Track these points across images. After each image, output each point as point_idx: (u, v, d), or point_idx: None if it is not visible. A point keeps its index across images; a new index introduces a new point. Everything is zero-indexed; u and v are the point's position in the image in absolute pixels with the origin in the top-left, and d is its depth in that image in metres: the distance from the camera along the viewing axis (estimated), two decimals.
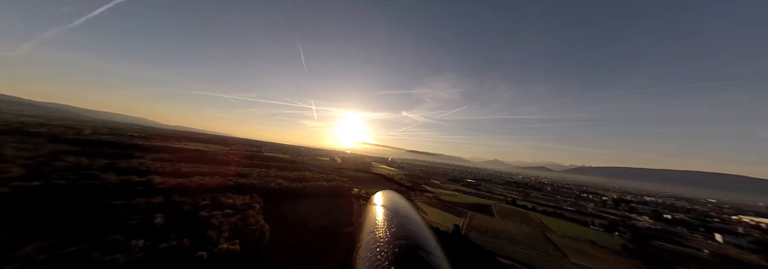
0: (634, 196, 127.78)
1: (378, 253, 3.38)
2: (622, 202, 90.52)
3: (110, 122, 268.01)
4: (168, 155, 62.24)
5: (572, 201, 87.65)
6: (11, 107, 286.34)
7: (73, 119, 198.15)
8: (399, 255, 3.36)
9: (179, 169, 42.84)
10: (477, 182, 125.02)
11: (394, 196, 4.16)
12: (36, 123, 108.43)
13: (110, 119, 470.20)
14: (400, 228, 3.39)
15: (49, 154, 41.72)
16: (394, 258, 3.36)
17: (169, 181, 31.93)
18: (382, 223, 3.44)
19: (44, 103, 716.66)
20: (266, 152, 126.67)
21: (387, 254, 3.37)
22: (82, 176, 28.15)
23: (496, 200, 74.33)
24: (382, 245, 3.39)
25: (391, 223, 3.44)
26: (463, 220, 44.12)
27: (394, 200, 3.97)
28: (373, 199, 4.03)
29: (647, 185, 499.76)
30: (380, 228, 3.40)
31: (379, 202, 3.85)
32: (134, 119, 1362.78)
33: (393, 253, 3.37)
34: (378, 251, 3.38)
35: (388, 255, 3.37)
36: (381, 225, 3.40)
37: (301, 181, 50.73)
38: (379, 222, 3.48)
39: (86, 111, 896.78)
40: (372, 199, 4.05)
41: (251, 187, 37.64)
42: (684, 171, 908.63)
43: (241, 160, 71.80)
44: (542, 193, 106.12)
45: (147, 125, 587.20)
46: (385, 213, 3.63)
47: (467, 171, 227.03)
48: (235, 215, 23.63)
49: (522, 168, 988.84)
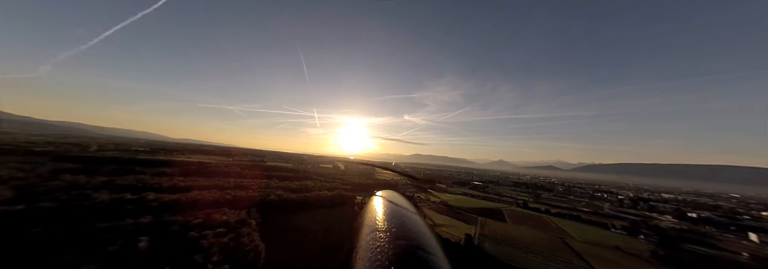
0: (651, 193, 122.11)
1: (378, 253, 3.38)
2: (640, 201, 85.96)
3: (118, 138, 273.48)
4: (169, 170, 61.59)
5: (587, 201, 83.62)
6: (23, 127, 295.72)
7: (82, 137, 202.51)
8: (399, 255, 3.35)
9: (177, 184, 41.75)
10: (484, 184, 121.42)
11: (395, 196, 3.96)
12: (43, 142, 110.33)
13: (119, 135, 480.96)
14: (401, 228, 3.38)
15: (48, 173, 41.27)
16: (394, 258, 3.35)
17: (164, 197, 30.68)
18: (382, 223, 3.43)
19: (57, 122, 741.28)
20: (269, 162, 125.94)
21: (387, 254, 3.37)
22: (73, 196, 27.13)
23: (506, 203, 71.20)
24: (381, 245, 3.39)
25: (391, 223, 3.43)
26: (474, 228, 41.57)
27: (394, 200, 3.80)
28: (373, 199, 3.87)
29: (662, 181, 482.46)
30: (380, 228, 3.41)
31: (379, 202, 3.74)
32: (142, 133, 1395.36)
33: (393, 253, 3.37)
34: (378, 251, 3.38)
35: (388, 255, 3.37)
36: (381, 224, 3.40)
37: (302, 191, 49.11)
38: (378, 221, 3.46)
39: (96, 128, 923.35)
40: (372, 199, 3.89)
41: (249, 200, 36.14)
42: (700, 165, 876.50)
43: (242, 171, 70.72)
44: (554, 194, 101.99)
45: (154, 139, 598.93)
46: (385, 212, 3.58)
47: (473, 173, 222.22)
48: (227, 234, 22.04)
49: (529, 168, 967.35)
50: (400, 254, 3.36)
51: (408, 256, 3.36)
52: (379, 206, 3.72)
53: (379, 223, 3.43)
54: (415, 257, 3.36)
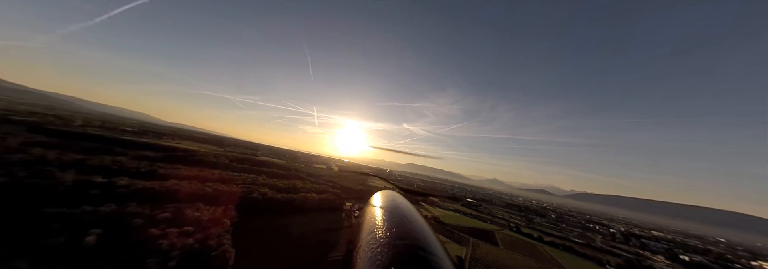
0: (641, 230, 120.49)
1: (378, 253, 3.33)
2: (632, 236, 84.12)
3: (109, 116, 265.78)
4: (152, 154, 58.21)
5: (579, 232, 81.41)
6: (15, 95, 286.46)
7: (71, 111, 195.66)
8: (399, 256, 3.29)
9: (156, 170, 38.80)
10: (477, 202, 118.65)
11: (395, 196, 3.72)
12: (27, 112, 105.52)
13: (111, 113, 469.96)
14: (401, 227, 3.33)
15: (16, 145, 38.07)
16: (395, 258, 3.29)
17: (137, 184, 27.93)
18: (382, 223, 3.37)
19: (50, 93, 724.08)
20: (261, 156, 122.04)
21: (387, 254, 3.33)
22: (33, 173, 24.31)
23: (499, 225, 68.63)
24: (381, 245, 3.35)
25: (391, 223, 3.37)
26: (465, 250, 39.02)
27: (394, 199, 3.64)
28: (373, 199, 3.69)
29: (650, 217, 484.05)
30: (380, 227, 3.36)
31: (379, 202, 3.63)
32: (136, 114, 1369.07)
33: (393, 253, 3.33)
34: (378, 251, 3.34)
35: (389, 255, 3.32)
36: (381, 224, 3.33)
37: (289, 191, 46.28)
38: (378, 221, 3.42)
39: (89, 104, 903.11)
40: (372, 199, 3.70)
41: (229, 196, 33.39)
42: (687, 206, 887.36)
43: (231, 163, 67.45)
44: (546, 220, 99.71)
45: (147, 120, 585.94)
46: (385, 212, 3.53)
47: (466, 189, 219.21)
48: (195, 234, 19.44)
49: (522, 190, 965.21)
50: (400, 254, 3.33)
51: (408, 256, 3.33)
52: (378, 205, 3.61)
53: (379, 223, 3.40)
54: (416, 257, 3.32)
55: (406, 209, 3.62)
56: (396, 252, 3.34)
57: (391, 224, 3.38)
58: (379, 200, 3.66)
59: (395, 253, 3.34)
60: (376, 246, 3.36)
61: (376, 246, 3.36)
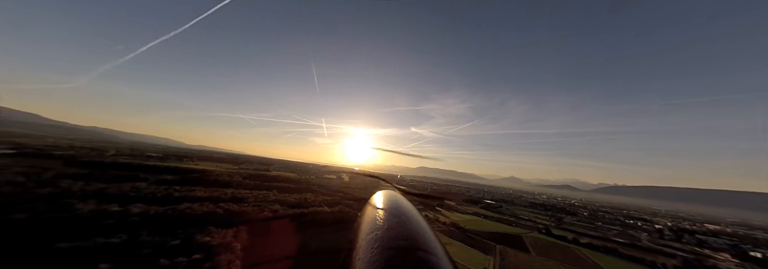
0: (692, 223, 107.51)
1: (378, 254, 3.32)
2: (684, 232, 74.80)
3: (138, 143, 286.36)
4: (171, 177, 60.76)
5: (619, 230, 73.75)
6: (60, 132, 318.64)
7: (107, 142, 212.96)
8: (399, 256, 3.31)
9: (172, 194, 39.86)
10: (497, 203, 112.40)
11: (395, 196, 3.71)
12: (68, 145, 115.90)
13: (140, 141, 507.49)
14: (401, 228, 3.35)
15: (49, 178, 40.88)
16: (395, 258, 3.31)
17: (151, 210, 28.45)
18: (382, 223, 3.39)
19: (88, 127, 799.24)
20: (273, 171, 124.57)
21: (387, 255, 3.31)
22: (54, 206, 25.40)
23: (526, 227, 63.69)
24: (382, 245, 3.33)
25: (391, 223, 3.38)
26: (492, 260, 35.84)
27: (394, 200, 3.63)
28: (373, 199, 3.70)
29: (700, 208, 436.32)
30: (380, 228, 3.35)
31: (379, 202, 3.62)
32: (162, 139, 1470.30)
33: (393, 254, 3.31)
34: (378, 252, 3.33)
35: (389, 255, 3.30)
36: (380, 225, 3.35)
37: (300, 206, 45.72)
38: (378, 222, 3.41)
39: (122, 134, 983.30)
40: (371, 199, 3.70)
41: (241, 216, 33.23)
42: (742, 192, 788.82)
43: (243, 181, 68.75)
44: (577, 218, 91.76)
45: (171, 145, 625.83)
46: (385, 212, 3.51)
47: (483, 190, 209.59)
48: (204, 262, 18.90)
49: (543, 186, 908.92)
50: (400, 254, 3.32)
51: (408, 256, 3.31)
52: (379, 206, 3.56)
53: (379, 223, 3.40)
54: (416, 257, 3.31)
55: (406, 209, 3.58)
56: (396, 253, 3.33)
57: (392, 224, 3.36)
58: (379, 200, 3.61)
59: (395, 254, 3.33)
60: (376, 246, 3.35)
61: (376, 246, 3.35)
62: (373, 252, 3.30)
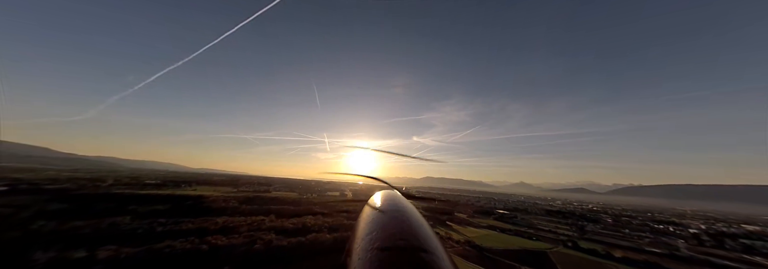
0: (726, 225, 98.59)
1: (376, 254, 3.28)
2: (723, 236, 67.63)
3: (140, 170, 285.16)
4: (162, 207, 57.31)
5: (651, 238, 66.91)
6: (65, 164, 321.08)
7: (109, 170, 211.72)
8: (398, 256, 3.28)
9: (155, 228, 36.46)
10: (511, 213, 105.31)
11: (395, 196, 3.68)
12: (66, 178, 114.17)
13: (143, 168, 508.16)
14: (401, 228, 3.32)
15: (26, 218, 38.00)
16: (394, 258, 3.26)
17: (122, 253, 25.09)
18: (382, 224, 3.33)
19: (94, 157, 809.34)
20: (273, 191, 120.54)
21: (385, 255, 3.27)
22: (6, 258, 22.24)
23: (548, 240, 57.80)
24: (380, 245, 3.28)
25: (391, 223, 3.34)
26: None
27: (394, 199, 3.60)
28: (372, 199, 3.66)
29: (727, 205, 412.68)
30: (379, 228, 3.32)
31: (379, 202, 3.56)
32: (165, 165, 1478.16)
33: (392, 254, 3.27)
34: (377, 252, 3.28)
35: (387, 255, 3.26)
36: (380, 225, 3.31)
37: (298, 233, 41.66)
38: (378, 222, 3.36)
39: (126, 161, 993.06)
40: (371, 199, 3.66)
41: (228, 252, 29.52)
42: None
43: (240, 206, 64.95)
44: (602, 226, 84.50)
45: (174, 170, 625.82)
46: (385, 212, 3.47)
47: (493, 198, 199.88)
48: None
49: (556, 191, 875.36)
50: (399, 254, 3.29)
51: (408, 256, 3.29)
52: (378, 206, 3.52)
53: (379, 223, 3.34)
54: (416, 257, 3.30)
55: (406, 209, 3.46)
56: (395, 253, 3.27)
57: (391, 224, 3.32)
58: (378, 200, 3.48)
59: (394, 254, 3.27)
60: (375, 246, 3.30)
61: (375, 246, 3.30)
62: (372, 251, 3.27)
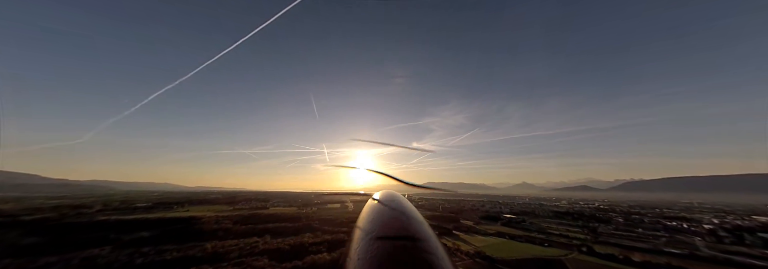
0: (737, 217, 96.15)
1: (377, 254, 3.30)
2: (741, 231, 65.15)
3: (134, 193, 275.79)
4: (148, 233, 53.46)
5: (666, 237, 64.18)
6: (55, 190, 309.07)
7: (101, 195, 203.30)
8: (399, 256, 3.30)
9: (133, 261, 33.09)
10: (519, 217, 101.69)
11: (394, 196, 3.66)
12: (49, 207, 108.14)
13: (137, 189, 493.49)
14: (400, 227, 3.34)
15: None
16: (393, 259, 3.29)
17: None
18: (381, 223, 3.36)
19: (87, 181, 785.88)
20: (272, 207, 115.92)
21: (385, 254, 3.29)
22: None
23: (562, 246, 54.78)
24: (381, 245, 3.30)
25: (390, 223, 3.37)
26: None
27: (393, 199, 3.58)
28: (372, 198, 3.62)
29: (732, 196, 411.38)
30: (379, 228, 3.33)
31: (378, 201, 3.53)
32: (160, 185, 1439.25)
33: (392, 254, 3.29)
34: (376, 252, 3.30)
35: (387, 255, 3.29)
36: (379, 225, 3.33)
37: (295, 256, 38.41)
38: (377, 222, 3.38)
39: (120, 184, 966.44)
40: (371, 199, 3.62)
41: None
42: None
43: (232, 227, 61.11)
44: (613, 226, 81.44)
45: (169, 190, 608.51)
46: (384, 213, 3.47)
47: (498, 202, 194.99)
48: None
49: (558, 190, 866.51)
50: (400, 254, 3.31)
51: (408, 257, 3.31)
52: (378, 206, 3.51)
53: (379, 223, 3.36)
54: (416, 257, 3.32)
55: (406, 208, 3.43)
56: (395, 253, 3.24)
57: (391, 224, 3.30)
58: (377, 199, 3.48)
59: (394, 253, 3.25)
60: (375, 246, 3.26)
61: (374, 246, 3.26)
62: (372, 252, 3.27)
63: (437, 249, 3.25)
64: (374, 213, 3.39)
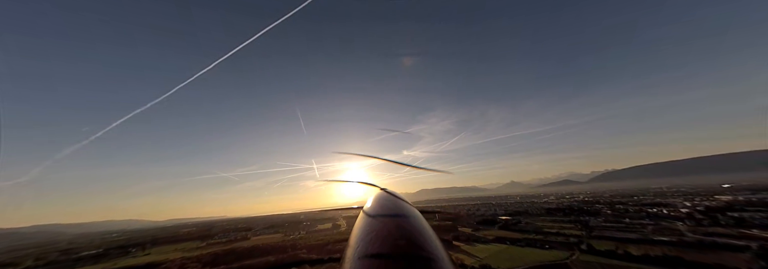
0: (703, 198, 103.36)
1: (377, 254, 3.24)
2: (714, 211, 69.20)
3: (85, 235, 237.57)
4: None
5: (652, 224, 65.99)
6: None
7: (41, 244, 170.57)
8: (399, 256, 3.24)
9: None
10: (514, 218, 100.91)
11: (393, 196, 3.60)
12: None
13: (91, 231, 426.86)
14: (400, 228, 3.27)
15: None
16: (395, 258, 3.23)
17: None
18: (380, 224, 3.30)
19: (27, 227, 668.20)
20: (253, 237, 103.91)
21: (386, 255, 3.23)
22: None
23: (562, 246, 53.63)
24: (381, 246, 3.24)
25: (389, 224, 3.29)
26: None
27: (392, 200, 3.53)
28: (371, 199, 3.58)
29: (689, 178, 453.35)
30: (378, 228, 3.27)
31: (377, 202, 3.48)
32: (124, 222, 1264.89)
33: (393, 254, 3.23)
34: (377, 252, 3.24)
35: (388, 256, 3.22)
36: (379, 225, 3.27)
37: None
38: (376, 223, 3.32)
39: (70, 226, 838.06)
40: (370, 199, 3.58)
41: None
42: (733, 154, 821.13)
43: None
44: (603, 218, 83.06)
45: (135, 227, 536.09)
46: (384, 213, 3.41)
47: (491, 203, 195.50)
48: None
49: (544, 186, 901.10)
50: (400, 255, 3.26)
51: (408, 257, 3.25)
52: (377, 206, 3.47)
53: (378, 224, 3.29)
54: (416, 257, 3.26)
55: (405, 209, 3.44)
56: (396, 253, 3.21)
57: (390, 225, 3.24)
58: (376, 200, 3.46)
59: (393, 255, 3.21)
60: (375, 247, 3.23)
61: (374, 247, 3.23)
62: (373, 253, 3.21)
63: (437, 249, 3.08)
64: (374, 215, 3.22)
